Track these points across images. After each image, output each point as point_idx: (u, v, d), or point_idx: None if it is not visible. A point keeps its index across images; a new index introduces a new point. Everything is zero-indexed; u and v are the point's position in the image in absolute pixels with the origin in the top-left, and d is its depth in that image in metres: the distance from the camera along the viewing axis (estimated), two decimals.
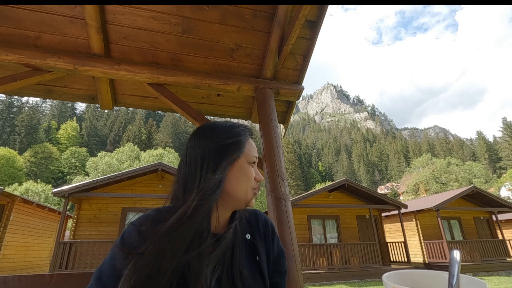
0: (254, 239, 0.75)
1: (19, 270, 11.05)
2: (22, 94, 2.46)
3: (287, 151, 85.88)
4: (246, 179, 0.72)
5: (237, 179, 0.71)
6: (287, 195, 2.04)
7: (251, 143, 0.76)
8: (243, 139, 0.74)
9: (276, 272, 0.77)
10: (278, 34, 2.23)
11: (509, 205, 14.38)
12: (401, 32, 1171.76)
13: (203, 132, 0.75)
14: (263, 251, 0.75)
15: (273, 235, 0.80)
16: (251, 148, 0.75)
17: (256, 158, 0.76)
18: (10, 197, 10.32)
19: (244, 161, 0.72)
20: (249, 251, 0.73)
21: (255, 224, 0.79)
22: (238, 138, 0.73)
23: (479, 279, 0.49)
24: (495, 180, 65.03)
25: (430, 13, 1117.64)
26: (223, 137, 0.72)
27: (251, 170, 0.73)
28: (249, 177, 0.72)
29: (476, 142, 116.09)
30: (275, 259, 0.78)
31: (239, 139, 0.73)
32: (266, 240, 0.78)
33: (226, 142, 0.71)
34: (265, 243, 0.77)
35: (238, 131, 0.75)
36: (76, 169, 58.70)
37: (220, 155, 0.70)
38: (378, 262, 11.45)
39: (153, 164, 10.86)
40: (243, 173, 0.71)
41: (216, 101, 2.77)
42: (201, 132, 0.75)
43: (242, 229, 0.75)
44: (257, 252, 0.73)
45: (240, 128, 0.77)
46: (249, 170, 0.72)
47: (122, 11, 2.04)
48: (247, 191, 0.71)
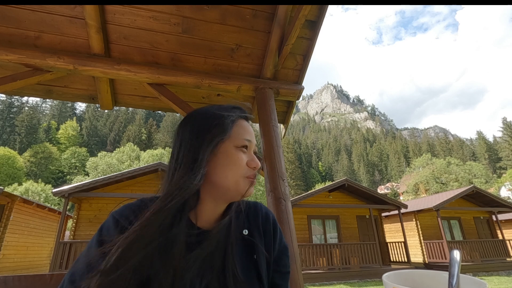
0: (252, 236, 0.67)
1: (19, 270, 11.05)
2: (22, 94, 2.46)
3: (287, 151, 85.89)
4: (234, 166, 0.62)
5: (223, 166, 0.62)
6: (287, 195, 2.04)
7: (241, 125, 0.67)
8: (228, 120, 0.64)
9: (277, 273, 0.69)
10: (278, 34, 2.23)
11: (509, 205, 14.38)
12: (401, 32, 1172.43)
13: (186, 118, 0.68)
14: (262, 249, 0.67)
15: (274, 231, 0.71)
16: (240, 130, 0.65)
17: (249, 142, 0.66)
18: (10, 197, 10.32)
19: (229, 145, 0.63)
20: (246, 249, 0.65)
21: (254, 218, 0.71)
22: (220, 119, 0.64)
23: (479, 279, 0.49)
24: (495, 180, 65.03)
25: (430, 13, 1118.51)
26: (204, 120, 0.65)
27: (240, 155, 0.63)
28: (237, 163, 0.62)
29: (476, 142, 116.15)
30: (276, 258, 0.69)
31: (222, 121, 0.64)
32: (266, 236, 0.69)
33: (207, 125, 0.64)
34: (265, 240, 0.69)
35: (222, 111, 0.66)
36: (76, 169, 58.72)
37: (200, 140, 0.62)
38: (378, 262, 11.45)
39: (153, 164, 10.86)
40: (229, 159, 0.62)
41: (216, 101, 2.77)
42: (184, 118, 0.68)
43: (239, 224, 0.67)
44: (255, 251, 0.65)
45: (226, 108, 0.67)
46: (236, 155, 0.63)
47: (122, 11, 2.04)
48: (237, 180, 0.62)
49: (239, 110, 0.69)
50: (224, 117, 0.65)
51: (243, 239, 0.66)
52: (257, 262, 0.64)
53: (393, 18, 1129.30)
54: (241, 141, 0.64)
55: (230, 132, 0.64)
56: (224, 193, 0.63)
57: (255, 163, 0.64)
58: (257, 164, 0.65)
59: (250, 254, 0.65)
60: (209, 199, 0.64)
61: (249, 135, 0.67)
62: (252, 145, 0.67)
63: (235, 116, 0.67)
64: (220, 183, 0.62)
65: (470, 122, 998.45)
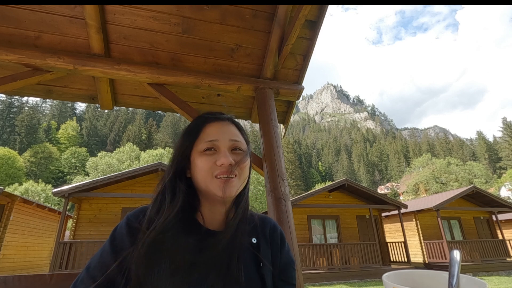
0: (260, 245, 0.71)
1: (19, 270, 11.05)
2: (22, 94, 2.45)
3: (287, 151, 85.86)
4: (199, 170, 0.65)
5: (195, 173, 0.67)
6: (287, 195, 2.04)
7: (207, 129, 0.69)
8: (193, 131, 0.70)
9: (282, 282, 0.71)
10: (278, 34, 2.23)
11: (509, 205, 14.37)
12: (401, 32, 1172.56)
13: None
14: (269, 257, 0.70)
15: (282, 243, 0.75)
16: (203, 135, 0.68)
17: (214, 141, 0.67)
18: (10, 197, 10.32)
19: (195, 153, 0.67)
20: (253, 256, 0.68)
21: (262, 229, 0.74)
22: (189, 130, 0.71)
23: (479, 279, 0.49)
24: (495, 180, 65.03)
25: (430, 12, 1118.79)
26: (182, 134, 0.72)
27: (203, 159, 0.65)
28: (199, 167, 0.65)
29: (476, 142, 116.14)
30: (282, 269, 0.72)
31: (190, 131, 0.70)
32: (273, 246, 0.73)
33: (182, 138, 0.70)
34: (272, 249, 0.72)
35: (192, 123, 0.72)
36: (76, 169, 58.71)
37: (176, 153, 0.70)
38: (378, 262, 11.45)
39: (153, 164, 10.86)
40: (195, 165, 0.66)
41: (216, 101, 2.77)
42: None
43: (249, 232, 0.71)
44: (261, 259, 0.68)
45: (195, 119, 0.73)
46: (198, 160, 0.66)
47: (122, 11, 2.04)
48: (206, 183, 0.64)
49: (206, 116, 0.72)
50: (190, 128, 0.70)
51: (251, 247, 0.69)
52: (262, 270, 0.67)
53: (393, 18, 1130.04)
54: (203, 145, 0.67)
55: (194, 140, 0.68)
56: (207, 195, 0.67)
57: (221, 160, 0.64)
58: (225, 160, 0.64)
59: (257, 262, 0.68)
60: (205, 202, 0.68)
61: (214, 135, 0.67)
62: (222, 143, 0.67)
63: (199, 125, 0.70)
64: (199, 188, 0.67)
65: (470, 122, 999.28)
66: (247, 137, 0.77)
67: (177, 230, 0.60)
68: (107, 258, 0.59)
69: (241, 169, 0.67)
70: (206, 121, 0.71)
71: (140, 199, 10.82)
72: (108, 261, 0.59)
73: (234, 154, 0.68)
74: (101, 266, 0.58)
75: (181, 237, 0.60)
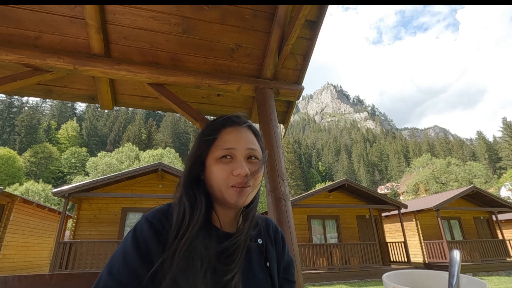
0: (266, 245, 0.74)
1: (19, 270, 11.05)
2: (22, 94, 2.46)
3: (287, 151, 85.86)
4: (214, 178, 0.66)
5: (209, 179, 0.67)
6: (287, 195, 2.04)
7: (223, 136, 0.68)
8: (209, 137, 0.68)
9: (285, 280, 0.75)
10: (278, 34, 2.23)
11: (509, 205, 14.37)
12: (401, 32, 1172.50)
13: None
14: (274, 257, 0.74)
15: (283, 243, 0.79)
16: (221, 141, 0.67)
17: (232, 149, 0.66)
18: (10, 197, 10.32)
19: (210, 159, 0.67)
20: (259, 256, 0.71)
21: (266, 230, 0.78)
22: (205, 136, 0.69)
23: (479, 279, 0.49)
24: (495, 180, 65.03)
25: (430, 12, 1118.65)
26: (196, 140, 0.71)
27: (219, 166, 0.65)
28: (216, 175, 0.65)
29: (476, 142, 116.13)
30: (285, 268, 0.76)
31: (205, 137, 0.69)
32: (276, 246, 0.77)
33: (197, 144, 0.70)
34: (276, 249, 0.76)
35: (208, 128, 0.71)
36: (76, 169, 58.71)
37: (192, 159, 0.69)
38: (378, 262, 11.45)
39: (153, 164, 10.85)
40: (211, 172, 0.66)
41: (216, 101, 2.77)
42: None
43: (255, 234, 0.73)
44: (268, 258, 0.72)
45: (211, 123, 0.72)
46: (215, 167, 0.65)
47: (122, 11, 2.04)
48: (221, 191, 0.65)
49: (223, 120, 0.71)
50: (207, 133, 0.69)
51: (258, 247, 0.73)
52: (270, 269, 0.71)
53: (393, 18, 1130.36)
54: (219, 152, 0.66)
55: (211, 146, 0.67)
56: (220, 201, 0.68)
57: (238, 171, 0.64)
58: (241, 171, 0.64)
59: (264, 261, 0.71)
60: (218, 206, 0.70)
61: (231, 143, 0.67)
62: (239, 151, 0.67)
63: (216, 129, 0.69)
64: (212, 193, 0.68)
65: (470, 122, 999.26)
66: (263, 143, 0.76)
67: (203, 235, 0.62)
68: (133, 262, 0.57)
69: (255, 179, 0.67)
70: (223, 126, 0.70)
71: (140, 199, 10.82)
72: (134, 264, 0.57)
73: (250, 163, 0.68)
74: (127, 270, 0.57)
75: (207, 241, 0.62)
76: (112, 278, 0.56)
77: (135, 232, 0.61)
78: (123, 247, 0.60)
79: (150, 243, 0.60)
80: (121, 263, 0.58)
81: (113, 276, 0.56)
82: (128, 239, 0.61)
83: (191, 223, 0.61)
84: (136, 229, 0.62)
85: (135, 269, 0.57)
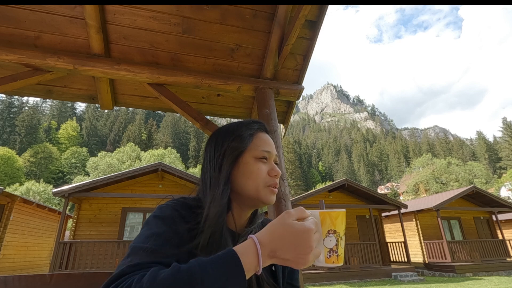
0: None
1: (19, 270, 11.05)
2: (22, 94, 2.45)
3: (287, 151, 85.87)
4: (254, 175, 0.67)
5: (244, 176, 0.68)
6: (287, 195, 2.04)
7: (260, 137, 0.72)
8: (246, 134, 0.71)
9: (289, 285, 0.75)
10: (278, 34, 2.23)
11: (509, 205, 14.37)
12: (401, 30, 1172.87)
13: (211, 136, 0.77)
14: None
15: None
16: (259, 142, 0.71)
17: (269, 152, 0.71)
18: (10, 197, 10.32)
19: (249, 157, 0.69)
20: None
21: None
22: (239, 133, 0.71)
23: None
24: (495, 180, 65.01)
25: (430, 10, 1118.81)
26: (225, 136, 0.72)
27: (260, 165, 0.68)
28: (256, 173, 0.67)
29: (476, 142, 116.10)
30: (289, 272, 0.76)
31: (241, 134, 0.70)
32: None
33: (228, 140, 0.71)
34: None
35: (241, 127, 0.73)
36: (76, 169, 58.73)
37: (222, 155, 0.69)
38: (378, 262, 11.45)
39: (153, 164, 10.85)
40: (249, 169, 0.68)
41: (216, 101, 2.77)
42: (210, 137, 0.77)
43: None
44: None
45: (245, 123, 0.74)
46: (256, 165, 0.68)
47: (122, 11, 2.04)
48: (258, 188, 0.67)
49: (258, 124, 0.75)
50: (243, 131, 0.72)
51: None
52: (276, 273, 0.71)
53: (393, 16, 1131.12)
54: (259, 152, 0.70)
55: (249, 144, 0.70)
56: (247, 200, 0.69)
57: (275, 171, 0.70)
58: (278, 172, 0.70)
59: (269, 265, 0.70)
60: (236, 206, 0.70)
61: (268, 146, 0.72)
62: (272, 155, 0.72)
63: (253, 130, 0.73)
64: (242, 191, 0.68)
65: (470, 122, 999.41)
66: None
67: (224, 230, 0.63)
68: (173, 238, 0.56)
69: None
70: (260, 129, 0.74)
71: (140, 199, 10.82)
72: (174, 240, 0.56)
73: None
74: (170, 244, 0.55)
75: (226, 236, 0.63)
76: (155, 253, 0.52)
77: (161, 209, 0.61)
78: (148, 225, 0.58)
79: (179, 224, 0.59)
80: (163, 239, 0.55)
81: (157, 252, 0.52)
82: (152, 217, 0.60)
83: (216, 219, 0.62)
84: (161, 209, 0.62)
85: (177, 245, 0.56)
